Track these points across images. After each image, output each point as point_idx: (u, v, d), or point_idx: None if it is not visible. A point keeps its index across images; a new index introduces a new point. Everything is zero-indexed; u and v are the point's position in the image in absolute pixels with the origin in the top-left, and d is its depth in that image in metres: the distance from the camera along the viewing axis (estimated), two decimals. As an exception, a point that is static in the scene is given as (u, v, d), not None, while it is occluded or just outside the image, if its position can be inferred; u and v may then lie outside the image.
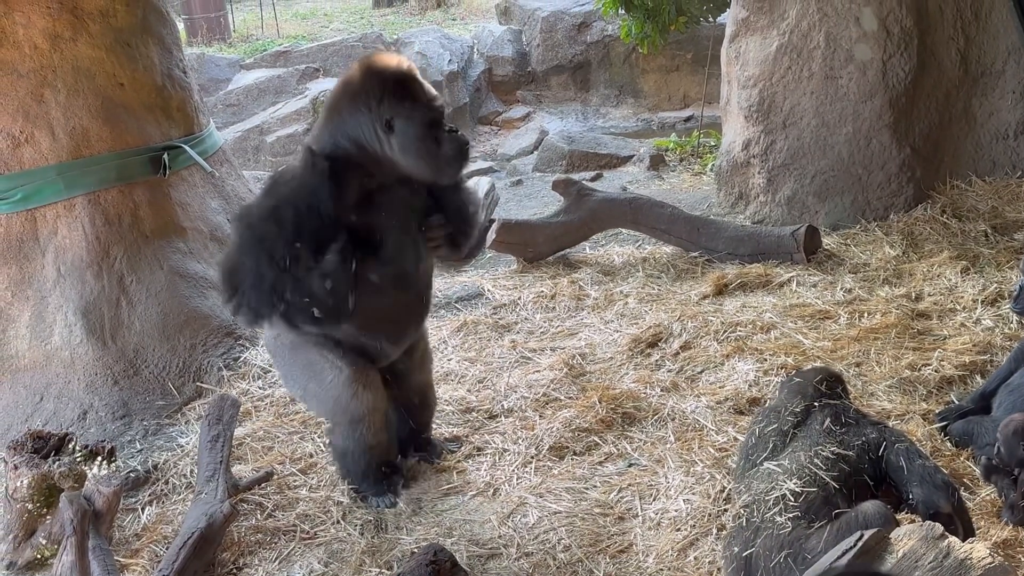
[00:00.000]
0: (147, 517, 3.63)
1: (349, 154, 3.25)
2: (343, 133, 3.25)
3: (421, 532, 3.37)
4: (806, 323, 4.66)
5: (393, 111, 3.18)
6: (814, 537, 2.73)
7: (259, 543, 3.41)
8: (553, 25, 12.45)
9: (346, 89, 3.28)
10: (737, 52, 6.32)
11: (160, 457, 4.05)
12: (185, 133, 5.06)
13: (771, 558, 2.80)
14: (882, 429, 3.07)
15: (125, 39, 4.79)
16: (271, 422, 4.23)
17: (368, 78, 3.22)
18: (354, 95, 3.24)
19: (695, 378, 4.26)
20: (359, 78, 3.24)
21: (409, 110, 3.19)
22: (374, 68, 3.24)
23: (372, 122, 3.21)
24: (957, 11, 5.90)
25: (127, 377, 4.49)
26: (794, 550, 2.76)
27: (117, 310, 4.55)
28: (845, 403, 3.20)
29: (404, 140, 3.22)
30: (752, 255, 5.46)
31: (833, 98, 5.91)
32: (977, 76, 6.00)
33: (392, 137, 3.21)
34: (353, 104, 3.24)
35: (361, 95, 3.22)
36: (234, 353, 4.77)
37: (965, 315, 4.59)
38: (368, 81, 3.22)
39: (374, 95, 3.19)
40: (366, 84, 3.21)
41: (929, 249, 5.39)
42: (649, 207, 5.82)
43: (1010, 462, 3.12)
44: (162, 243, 4.78)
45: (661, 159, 8.57)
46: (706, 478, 3.47)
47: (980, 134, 6.05)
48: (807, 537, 2.75)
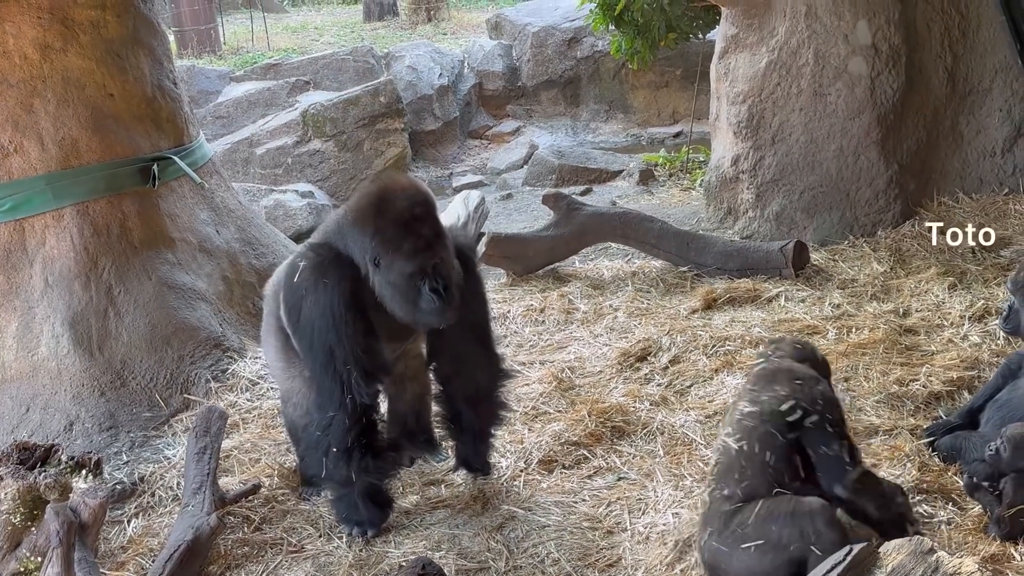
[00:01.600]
0: (133, 530, 3.61)
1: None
2: (348, 245, 3.28)
3: (409, 546, 3.35)
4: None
5: (379, 251, 3.17)
6: (741, 513, 2.76)
7: (246, 556, 3.39)
8: (543, 40, 12.49)
9: (356, 205, 3.28)
10: (727, 68, 6.35)
11: (146, 469, 4.02)
12: (175, 144, 5.06)
13: (701, 536, 2.86)
14: (800, 388, 2.93)
15: (115, 50, 4.78)
16: (259, 434, 4.22)
17: (369, 207, 3.21)
18: (356, 218, 3.25)
19: (684, 392, 4.27)
20: (365, 203, 3.24)
21: (393, 256, 3.16)
22: (378, 199, 3.21)
23: (363, 251, 3.22)
24: (945, 29, 5.95)
25: (114, 388, 4.46)
26: (716, 527, 2.80)
27: (105, 321, 4.53)
28: (788, 363, 3.10)
29: (384, 281, 3.21)
30: (741, 270, 5.48)
31: (822, 114, 5.95)
32: (965, 94, 6.05)
33: (377, 273, 3.21)
34: (354, 225, 3.24)
35: (359, 221, 3.22)
36: (222, 365, 4.75)
37: (952, 331, 4.61)
38: (368, 211, 3.21)
39: (368, 228, 3.18)
40: (366, 212, 3.21)
41: (916, 265, 5.42)
42: (639, 221, 5.84)
43: (1011, 467, 3.12)
44: (150, 254, 4.77)
45: (650, 174, 8.60)
46: (695, 492, 3.47)
47: (967, 151, 6.09)
48: (730, 514, 2.78)
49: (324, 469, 3.28)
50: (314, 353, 3.25)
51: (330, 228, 3.40)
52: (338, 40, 16.43)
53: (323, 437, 3.24)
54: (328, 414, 3.23)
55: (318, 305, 3.21)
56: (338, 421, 3.22)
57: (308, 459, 3.45)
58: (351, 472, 3.25)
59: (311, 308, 3.22)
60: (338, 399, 3.21)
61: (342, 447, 3.23)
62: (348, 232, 3.27)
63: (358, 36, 16.77)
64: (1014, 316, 3.54)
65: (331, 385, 3.22)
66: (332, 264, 3.25)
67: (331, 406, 3.22)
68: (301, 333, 3.30)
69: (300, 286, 3.26)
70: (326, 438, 3.24)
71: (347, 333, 3.19)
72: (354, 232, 3.24)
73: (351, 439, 3.22)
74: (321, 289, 3.20)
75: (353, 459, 3.24)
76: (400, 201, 3.17)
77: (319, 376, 3.26)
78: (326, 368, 3.22)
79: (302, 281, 3.26)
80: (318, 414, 3.27)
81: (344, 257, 3.26)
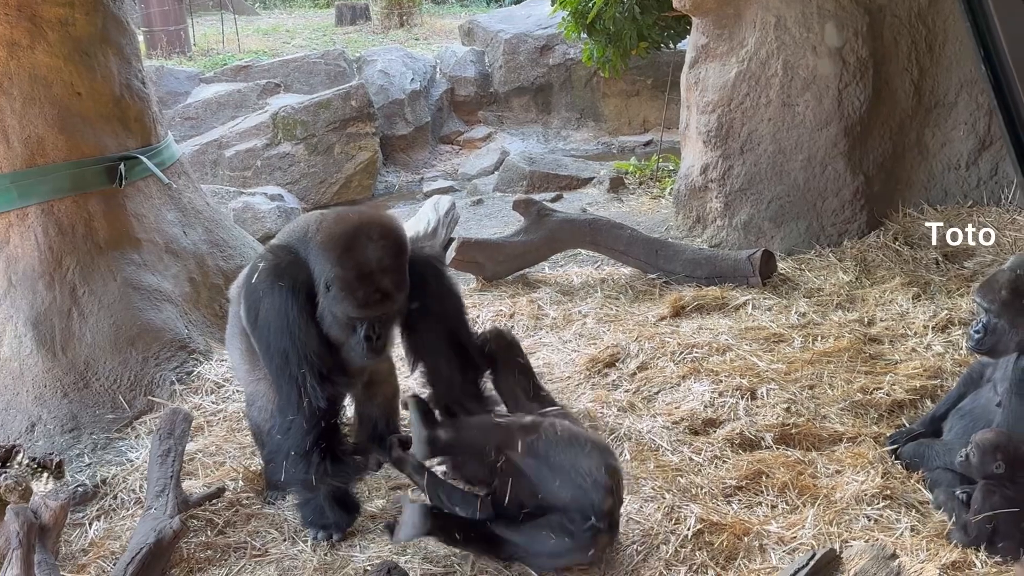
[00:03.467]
0: (94, 532, 3.56)
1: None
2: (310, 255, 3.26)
3: (374, 550, 3.34)
4: (761, 346, 4.70)
5: (334, 283, 3.16)
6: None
7: (209, 560, 3.35)
8: (516, 47, 12.51)
9: (330, 228, 3.24)
10: (697, 78, 6.40)
11: (109, 471, 3.98)
12: (142, 144, 5.01)
13: None
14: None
15: (84, 48, 4.73)
16: (223, 437, 4.18)
17: (342, 237, 3.18)
18: (325, 240, 3.21)
19: (651, 398, 4.28)
20: (339, 230, 3.20)
21: (344, 295, 3.14)
22: (353, 233, 3.18)
23: (320, 271, 3.20)
24: (912, 43, 6.03)
25: (77, 390, 4.41)
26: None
27: (68, 321, 4.48)
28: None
29: (328, 307, 3.20)
30: (709, 278, 5.52)
31: (790, 125, 6.01)
32: (930, 107, 6.13)
33: (325, 296, 3.20)
34: (322, 245, 3.21)
35: (327, 245, 3.19)
36: (187, 367, 4.71)
37: (916, 340, 4.67)
38: (339, 240, 3.18)
39: (332, 256, 3.16)
40: (337, 241, 3.18)
41: (881, 275, 5.48)
42: (608, 228, 5.86)
43: (980, 473, 3.17)
44: (116, 254, 4.71)
45: (621, 182, 8.63)
46: (657, 497, 3.48)
47: (932, 164, 6.18)
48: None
49: (285, 473, 3.25)
50: (270, 355, 3.24)
51: (295, 233, 3.38)
52: (309, 43, 16.36)
53: (283, 441, 3.22)
54: (288, 418, 3.21)
55: (274, 307, 3.20)
56: (296, 425, 3.19)
57: (271, 463, 3.42)
58: (311, 476, 3.22)
59: (268, 310, 3.21)
60: (295, 402, 3.18)
61: (301, 451, 3.19)
62: (313, 245, 3.25)
63: (330, 40, 16.71)
64: (991, 334, 3.39)
65: (288, 388, 3.20)
66: (289, 268, 3.24)
67: (290, 409, 3.20)
68: (259, 335, 3.29)
69: (258, 287, 3.26)
70: (286, 442, 3.21)
71: (300, 337, 3.18)
72: (319, 250, 3.21)
73: (309, 443, 3.18)
74: (277, 291, 3.20)
75: (312, 463, 3.20)
76: (373, 247, 3.14)
77: (276, 379, 3.25)
78: (282, 371, 3.20)
79: (260, 282, 3.25)
80: (279, 417, 3.25)
81: (303, 263, 3.25)
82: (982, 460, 3.16)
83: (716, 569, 3.10)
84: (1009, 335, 3.36)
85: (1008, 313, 3.34)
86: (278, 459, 3.27)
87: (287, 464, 3.22)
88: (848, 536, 3.15)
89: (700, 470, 3.67)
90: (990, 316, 3.39)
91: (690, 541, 3.21)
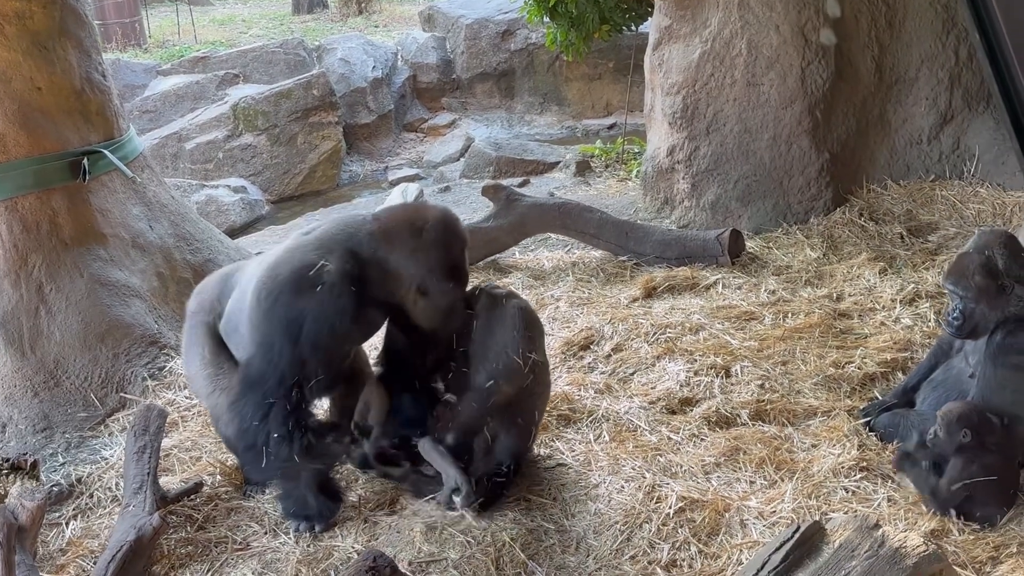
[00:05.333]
0: (72, 532, 3.52)
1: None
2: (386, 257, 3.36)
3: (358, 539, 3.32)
4: (733, 324, 4.74)
5: (429, 283, 3.36)
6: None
7: (190, 555, 3.32)
8: (477, 33, 12.48)
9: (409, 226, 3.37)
10: (661, 60, 6.42)
11: (84, 470, 3.93)
12: (105, 138, 4.93)
13: None
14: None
15: (42, 42, 4.64)
16: (199, 432, 4.14)
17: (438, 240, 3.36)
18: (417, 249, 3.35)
19: (627, 379, 4.30)
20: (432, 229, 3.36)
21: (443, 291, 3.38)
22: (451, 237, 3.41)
23: (411, 279, 3.35)
24: (872, 20, 6.08)
25: (47, 388, 4.35)
26: None
27: (36, 319, 4.41)
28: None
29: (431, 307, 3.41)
30: (679, 258, 5.55)
31: (755, 104, 6.05)
32: (891, 83, 6.20)
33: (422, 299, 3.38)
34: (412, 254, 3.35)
35: (422, 249, 3.34)
36: (159, 363, 4.66)
37: (885, 314, 4.73)
38: (429, 245, 3.34)
39: (426, 262, 3.34)
40: (432, 242, 3.34)
41: (848, 251, 5.55)
42: (578, 212, 5.87)
43: (946, 448, 3.22)
44: (82, 251, 4.65)
45: (587, 165, 8.66)
46: (637, 477, 3.51)
47: (895, 139, 6.25)
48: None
49: (265, 459, 3.23)
50: (290, 339, 3.23)
51: (360, 236, 3.38)
52: (267, 33, 16.22)
53: (261, 426, 3.21)
54: (267, 401, 3.21)
55: (328, 306, 3.23)
56: (278, 408, 3.21)
57: (248, 460, 3.39)
58: (293, 454, 3.22)
59: (317, 303, 3.23)
60: (286, 388, 3.20)
61: (283, 431, 3.20)
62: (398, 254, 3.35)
63: (287, 29, 16.57)
64: (970, 319, 3.40)
65: (284, 373, 3.21)
66: (357, 278, 3.29)
67: (275, 392, 3.21)
68: (284, 317, 3.25)
69: (318, 281, 3.25)
70: (264, 426, 3.21)
71: (337, 344, 3.32)
72: (409, 259, 3.35)
73: (291, 423, 3.21)
74: (339, 294, 3.24)
75: (295, 442, 3.22)
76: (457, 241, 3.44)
77: (276, 364, 3.23)
78: (290, 358, 3.22)
79: (322, 277, 3.25)
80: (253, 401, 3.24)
81: (373, 280, 3.34)
82: (949, 433, 3.22)
83: (699, 545, 3.13)
84: (988, 317, 3.39)
85: (985, 297, 3.36)
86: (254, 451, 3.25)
87: (268, 448, 3.21)
88: (827, 508, 3.21)
89: (679, 449, 3.70)
90: (966, 303, 3.40)
91: (672, 519, 3.24)
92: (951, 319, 3.46)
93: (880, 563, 2.22)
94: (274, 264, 3.37)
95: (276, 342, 3.25)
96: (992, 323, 3.38)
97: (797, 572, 2.31)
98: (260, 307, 3.32)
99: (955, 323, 3.44)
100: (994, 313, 3.37)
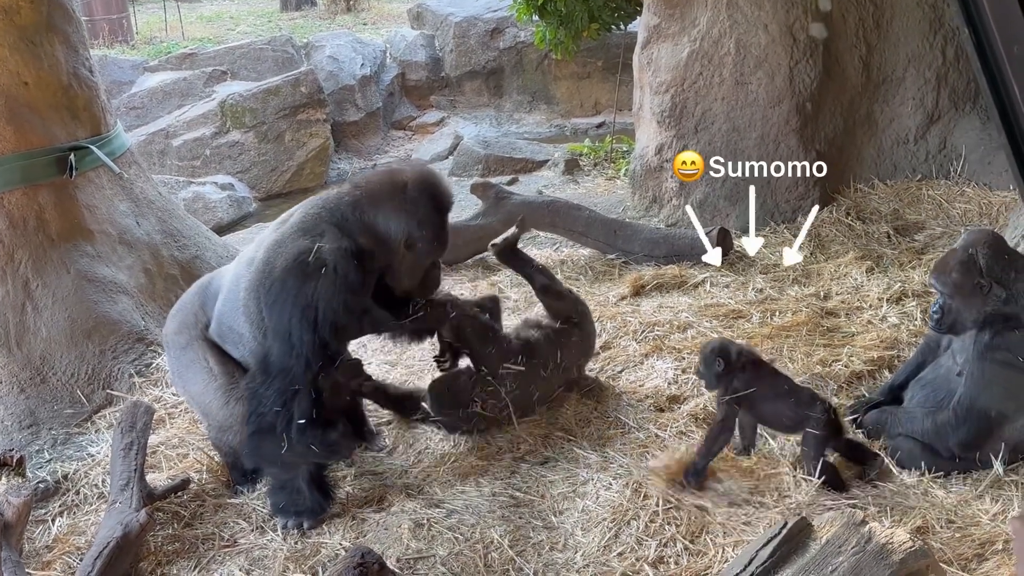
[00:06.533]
0: (58, 528, 3.50)
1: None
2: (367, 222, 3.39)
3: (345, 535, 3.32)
4: (721, 322, 4.76)
5: (414, 237, 3.40)
6: None
7: (177, 552, 3.32)
8: (466, 31, 12.46)
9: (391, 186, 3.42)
10: (649, 58, 6.43)
11: (70, 467, 3.91)
12: (92, 133, 4.91)
13: None
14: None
15: (29, 37, 4.61)
16: (186, 429, 4.13)
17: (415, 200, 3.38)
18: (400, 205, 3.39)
19: (616, 377, 4.31)
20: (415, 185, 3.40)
21: (429, 245, 3.44)
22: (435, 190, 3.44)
23: (396, 234, 3.38)
24: (859, 19, 6.11)
25: (34, 385, 4.33)
26: None
27: (22, 316, 4.38)
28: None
29: (404, 263, 3.46)
30: (667, 257, 5.56)
31: (743, 103, 6.06)
32: (879, 83, 6.23)
33: (405, 254, 3.43)
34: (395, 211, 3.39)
35: (402, 209, 3.38)
36: (145, 359, 4.64)
37: (871, 313, 4.76)
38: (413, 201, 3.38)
39: (411, 217, 3.38)
40: (412, 203, 3.38)
41: (835, 250, 5.57)
42: (567, 210, 5.88)
43: (709, 381, 3.53)
44: (68, 247, 4.62)
45: (576, 163, 8.66)
46: (624, 475, 3.51)
47: (882, 139, 6.28)
48: None
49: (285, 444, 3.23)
50: (304, 325, 3.23)
51: (333, 213, 3.39)
52: (255, 30, 16.16)
53: (284, 411, 3.22)
54: (293, 387, 3.22)
55: (337, 285, 3.24)
56: (303, 395, 3.22)
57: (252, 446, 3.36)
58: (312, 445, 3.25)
59: (324, 285, 3.23)
60: (311, 374, 3.24)
61: (307, 417, 3.22)
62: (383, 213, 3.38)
63: (275, 26, 16.52)
64: (948, 314, 3.49)
65: (309, 359, 3.23)
66: (355, 252, 3.30)
67: (300, 379, 3.23)
68: (295, 306, 3.24)
69: (319, 264, 3.24)
70: (288, 411, 3.22)
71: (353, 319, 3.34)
72: (394, 215, 3.38)
73: (315, 411, 3.24)
74: (344, 272, 3.25)
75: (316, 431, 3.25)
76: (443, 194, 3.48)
77: (296, 347, 3.23)
78: (312, 344, 3.22)
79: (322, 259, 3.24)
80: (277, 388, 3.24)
81: (365, 248, 3.34)
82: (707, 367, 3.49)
83: (685, 542, 3.14)
84: (964, 314, 3.44)
85: (960, 294, 3.42)
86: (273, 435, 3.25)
87: (287, 434, 3.22)
88: (815, 505, 3.22)
89: (666, 446, 3.71)
90: (945, 298, 3.48)
91: (659, 516, 3.25)
92: (932, 312, 3.55)
93: (867, 559, 2.23)
94: (266, 259, 3.35)
95: (294, 331, 3.24)
96: (970, 320, 3.43)
97: (784, 568, 2.32)
98: (267, 302, 3.31)
99: (935, 316, 3.53)
100: (971, 311, 3.41)
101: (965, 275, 3.39)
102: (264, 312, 3.31)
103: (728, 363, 3.45)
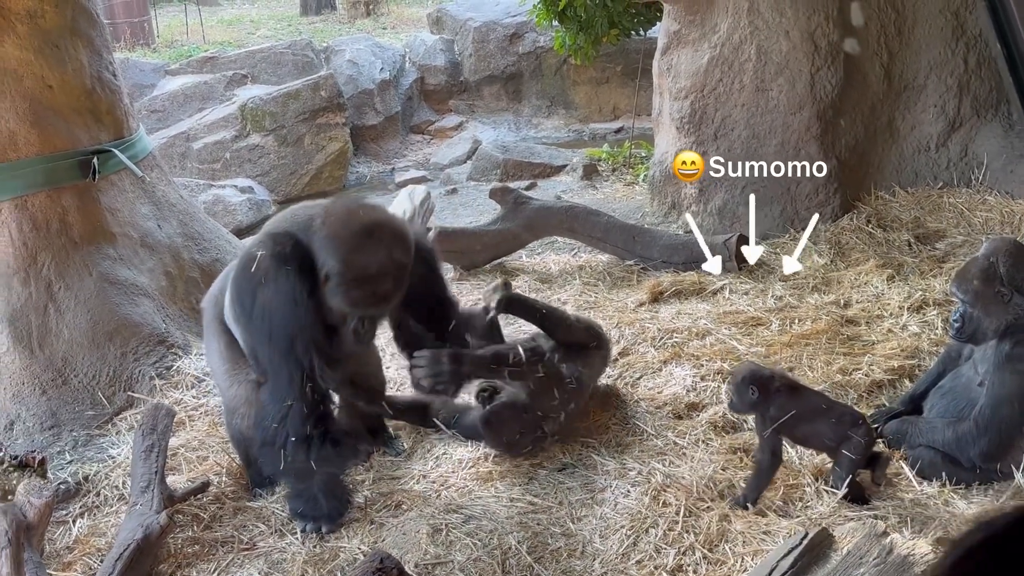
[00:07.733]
0: (79, 529, 3.53)
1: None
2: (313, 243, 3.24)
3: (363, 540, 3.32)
4: (740, 329, 4.74)
5: (336, 275, 3.16)
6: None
7: (197, 555, 3.34)
8: (485, 35, 12.49)
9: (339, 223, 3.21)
10: (669, 64, 6.42)
11: (91, 468, 3.93)
12: (115, 137, 4.95)
13: None
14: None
15: (54, 41, 4.66)
16: (206, 432, 4.15)
17: (351, 237, 3.16)
18: (333, 234, 3.18)
19: (634, 384, 4.30)
20: (349, 231, 3.17)
21: (344, 290, 3.17)
22: (364, 234, 3.16)
23: (324, 261, 3.18)
24: (881, 27, 6.08)
25: (56, 386, 4.36)
26: None
27: (45, 318, 4.42)
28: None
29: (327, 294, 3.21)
30: (686, 263, 5.55)
31: (764, 110, 6.04)
32: (900, 90, 6.19)
33: (326, 285, 3.19)
34: (329, 238, 3.18)
35: (335, 239, 3.17)
36: (166, 362, 4.67)
37: (892, 321, 4.73)
38: (348, 239, 3.16)
39: (339, 251, 3.15)
40: (345, 239, 3.16)
41: (855, 258, 5.53)
42: (585, 216, 5.87)
43: (742, 408, 3.44)
44: (91, 249, 4.66)
45: (594, 169, 8.65)
46: (643, 482, 3.51)
47: (903, 146, 6.24)
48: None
49: (283, 462, 3.22)
50: (273, 341, 3.20)
51: (298, 221, 3.34)
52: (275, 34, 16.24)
53: (280, 428, 3.20)
54: (286, 403, 3.18)
55: (280, 292, 3.17)
56: (296, 410, 3.18)
57: (263, 457, 3.38)
58: (311, 461, 3.21)
59: (272, 295, 3.18)
60: (297, 387, 3.17)
61: (301, 436, 3.18)
62: (319, 236, 3.21)
63: (295, 30, 16.59)
64: (969, 323, 3.45)
65: (291, 373, 3.18)
66: (295, 252, 3.21)
67: (289, 395, 3.18)
68: (257, 321, 3.24)
69: (260, 273, 3.21)
70: (284, 428, 3.19)
71: (307, 321, 3.18)
72: (325, 242, 3.19)
73: (310, 427, 3.19)
74: (283, 277, 3.17)
75: (312, 448, 3.21)
76: (381, 250, 3.14)
77: (277, 365, 3.21)
78: (286, 356, 3.18)
79: (263, 268, 3.20)
80: (273, 405, 3.22)
81: (306, 249, 3.23)
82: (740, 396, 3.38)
83: (704, 550, 3.13)
84: (985, 323, 3.42)
85: (980, 302, 3.40)
86: (272, 449, 3.24)
87: (285, 452, 3.20)
88: (835, 516, 3.21)
89: (684, 453, 3.70)
90: (965, 306, 3.45)
91: (678, 524, 3.24)
92: (953, 321, 3.53)
93: (888, 570, 2.22)
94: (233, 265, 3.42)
95: (261, 345, 3.25)
96: (992, 329, 3.41)
97: (805, 578, 2.31)
98: (234, 309, 3.37)
99: (955, 325, 3.50)
100: (992, 319, 3.39)
101: (986, 284, 3.38)
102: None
103: (764, 390, 3.36)
